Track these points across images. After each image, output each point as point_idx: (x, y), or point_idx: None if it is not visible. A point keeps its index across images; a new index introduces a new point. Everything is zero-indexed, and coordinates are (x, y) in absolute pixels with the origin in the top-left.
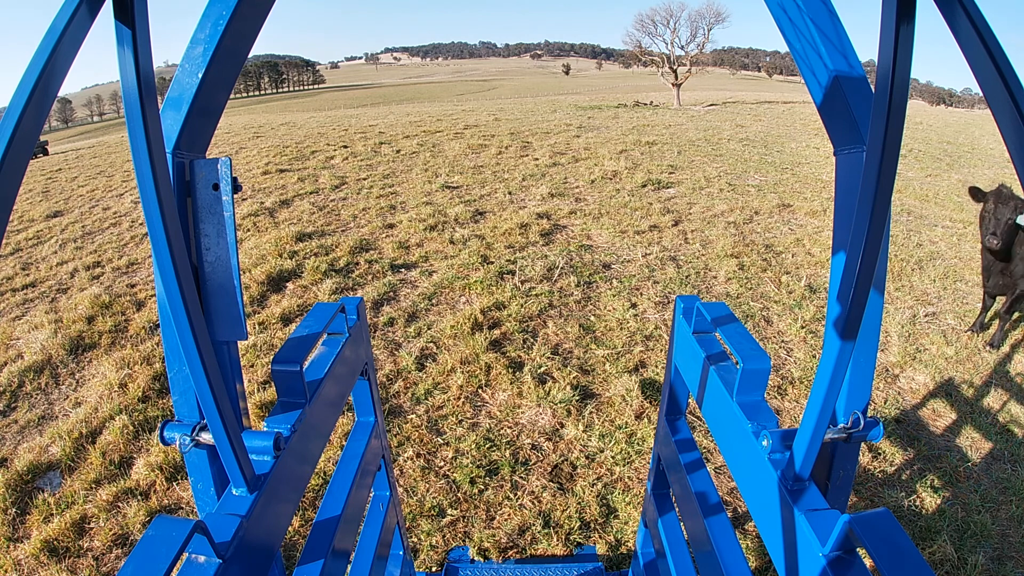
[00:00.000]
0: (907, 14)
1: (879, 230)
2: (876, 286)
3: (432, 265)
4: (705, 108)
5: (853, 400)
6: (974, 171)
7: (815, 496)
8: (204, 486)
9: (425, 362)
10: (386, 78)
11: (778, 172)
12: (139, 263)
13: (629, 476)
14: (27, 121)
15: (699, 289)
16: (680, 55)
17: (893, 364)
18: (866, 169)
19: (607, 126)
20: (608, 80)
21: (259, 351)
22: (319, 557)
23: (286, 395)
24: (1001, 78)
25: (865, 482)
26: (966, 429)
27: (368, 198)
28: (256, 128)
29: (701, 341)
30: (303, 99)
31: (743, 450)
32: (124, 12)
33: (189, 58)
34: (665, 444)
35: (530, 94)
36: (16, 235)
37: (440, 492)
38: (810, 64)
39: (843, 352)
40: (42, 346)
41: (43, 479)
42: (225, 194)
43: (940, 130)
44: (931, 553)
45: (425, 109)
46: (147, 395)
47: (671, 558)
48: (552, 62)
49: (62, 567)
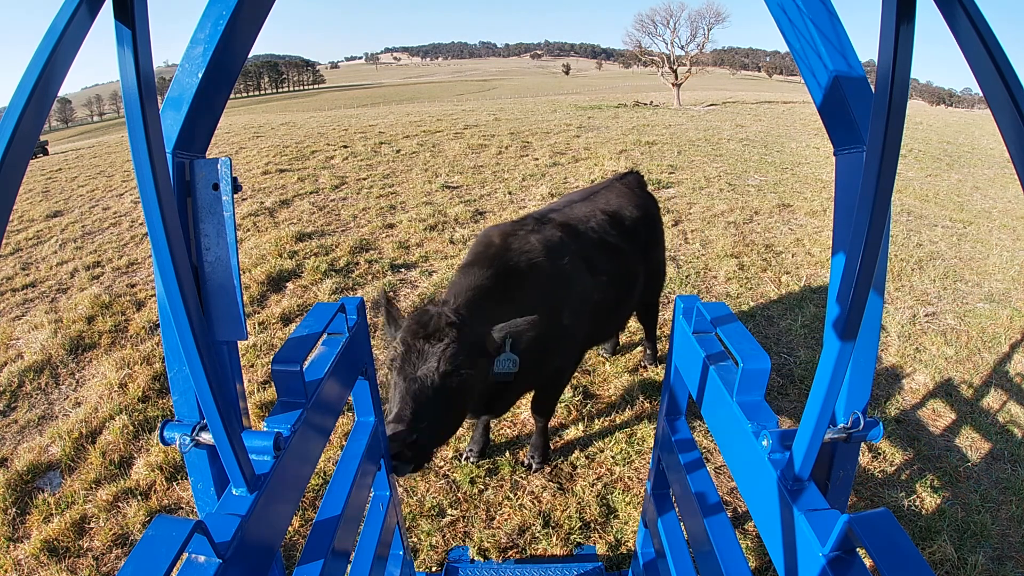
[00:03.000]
0: (907, 14)
1: (879, 230)
2: (876, 286)
3: (432, 265)
4: (705, 108)
5: (853, 400)
6: (974, 171)
7: (815, 496)
8: (204, 486)
9: None
10: (386, 78)
11: (778, 172)
12: (139, 263)
13: (629, 476)
14: (27, 121)
15: (699, 289)
16: (680, 55)
17: (893, 364)
18: (866, 169)
19: (607, 126)
20: (608, 80)
21: (259, 351)
22: (319, 557)
23: (286, 395)
24: (1001, 78)
25: (865, 482)
26: (966, 429)
27: (368, 198)
28: (256, 128)
29: (701, 341)
30: (303, 99)
31: (743, 450)
32: (124, 12)
33: (189, 58)
34: (665, 444)
35: (530, 94)
36: (16, 235)
37: (440, 492)
38: (810, 64)
39: (843, 352)
40: (42, 346)
41: (43, 479)
42: (225, 194)
43: (940, 130)
44: (931, 553)
45: (425, 109)
46: (147, 395)
47: (671, 558)
48: (552, 62)
49: (62, 567)
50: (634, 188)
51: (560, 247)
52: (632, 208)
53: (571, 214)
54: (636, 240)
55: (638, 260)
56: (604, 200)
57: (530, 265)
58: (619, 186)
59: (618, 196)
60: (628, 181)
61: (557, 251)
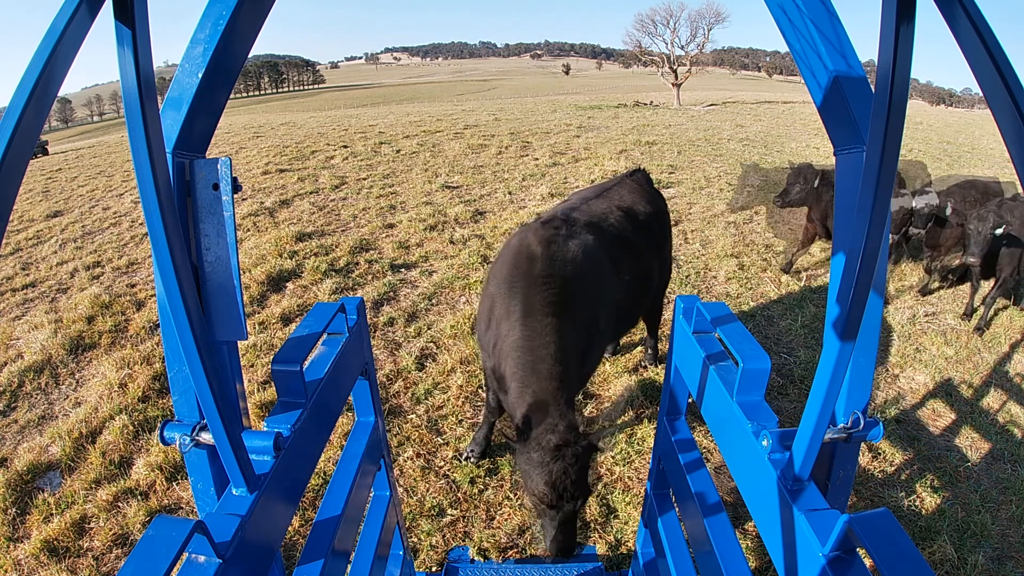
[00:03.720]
0: (907, 14)
1: (879, 230)
2: (876, 286)
3: (432, 265)
4: (705, 108)
5: (853, 400)
6: (974, 171)
7: (815, 496)
8: (204, 486)
9: (425, 362)
10: (386, 78)
11: (778, 172)
12: (139, 263)
13: (629, 476)
14: (27, 121)
15: (699, 289)
16: (680, 55)
17: (893, 364)
18: (866, 169)
19: (607, 126)
20: (608, 80)
21: (259, 351)
22: (319, 557)
23: (286, 395)
24: (1001, 78)
25: (865, 482)
26: (966, 429)
27: (368, 198)
28: (256, 128)
29: (701, 341)
30: (303, 99)
31: (743, 450)
32: (124, 12)
33: (189, 58)
34: (665, 444)
35: (530, 94)
36: (16, 235)
37: (440, 492)
38: (810, 65)
39: (843, 352)
40: (42, 346)
41: (43, 479)
42: (225, 194)
43: (940, 130)
44: (931, 553)
45: (425, 109)
46: (147, 395)
47: (671, 558)
48: (552, 62)
49: (62, 567)
50: (643, 185)
51: (595, 251)
52: (644, 204)
53: (592, 211)
54: (651, 236)
55: (653, 256)
56: (618, 197)
57: (577, 274)
58: (630, 183)
59: (630, 192)
60: (637, 178)
61: (594, 256)
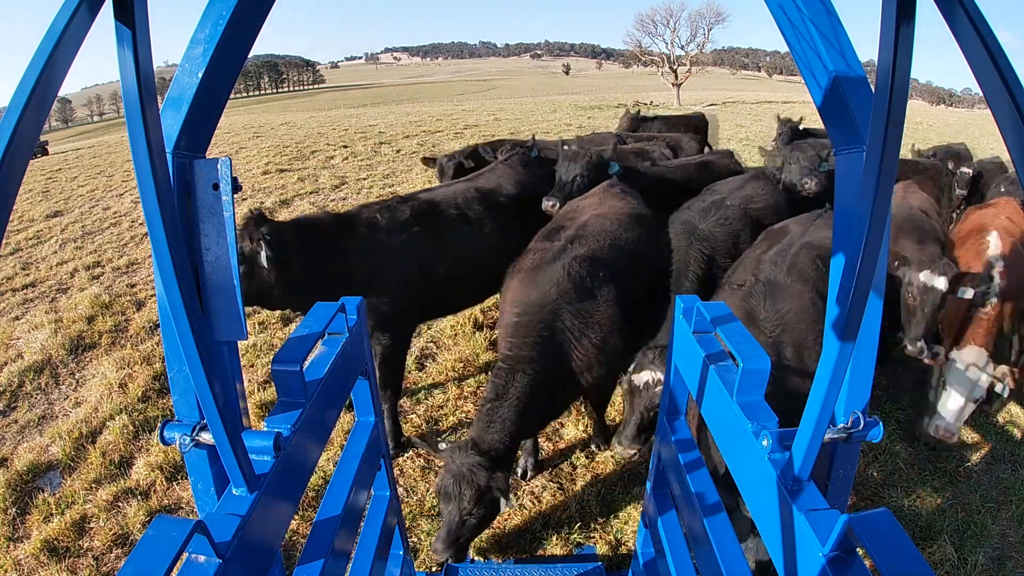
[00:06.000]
0: (907, 14)
1: (879, 230)
2: (876, 286)
3: None
4: (705, 108)
5: (853, 400)
6: None
7: (815, 496)
8: (204, 486)
9: (425, 362)
10: (386, 78)
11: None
12: (139, 263)
13: (629, 476)
14: (27, 121)
15: None
16: (680, 55)
17: (893, 364)
18: (866, 169)
19: (607, 126)
20: (608, 80)
21: (259, 351)
22: (319, 557)
23: (286, 395)
24: (1001, 78)
25: (865, 482)
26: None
27: (368, 198)
28: (256, 128)
29: (701, 341)
30: (303, 99)
31: (743, 450)
32: (124, 12)
33: (189, 58)
34: (665, 444)
35: (530, 94)
36: (16, 235)
37: None
38: (810, 65)
39: (843, 352)
40: (42, 346)
41: (43, 479)
42: (225, 194)
43: (940, 130)
44: (931, 553)
45: (425, 109)
46: (147, 395)
47: (671, 558)
48: (552, 62)
49: (62, 567)
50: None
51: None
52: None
53: (590, 227)
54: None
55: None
56: (608, 205)
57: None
58: (615, 191)
59: (616, 199)
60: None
61: (592, 275)
